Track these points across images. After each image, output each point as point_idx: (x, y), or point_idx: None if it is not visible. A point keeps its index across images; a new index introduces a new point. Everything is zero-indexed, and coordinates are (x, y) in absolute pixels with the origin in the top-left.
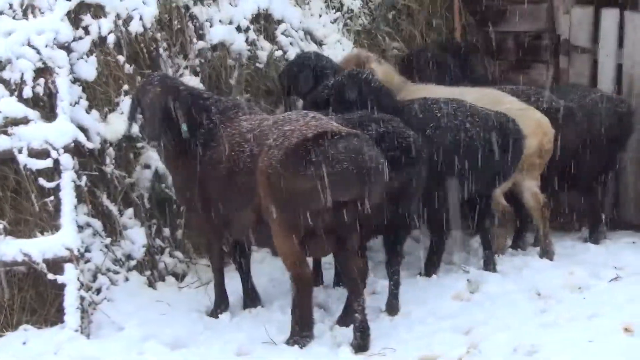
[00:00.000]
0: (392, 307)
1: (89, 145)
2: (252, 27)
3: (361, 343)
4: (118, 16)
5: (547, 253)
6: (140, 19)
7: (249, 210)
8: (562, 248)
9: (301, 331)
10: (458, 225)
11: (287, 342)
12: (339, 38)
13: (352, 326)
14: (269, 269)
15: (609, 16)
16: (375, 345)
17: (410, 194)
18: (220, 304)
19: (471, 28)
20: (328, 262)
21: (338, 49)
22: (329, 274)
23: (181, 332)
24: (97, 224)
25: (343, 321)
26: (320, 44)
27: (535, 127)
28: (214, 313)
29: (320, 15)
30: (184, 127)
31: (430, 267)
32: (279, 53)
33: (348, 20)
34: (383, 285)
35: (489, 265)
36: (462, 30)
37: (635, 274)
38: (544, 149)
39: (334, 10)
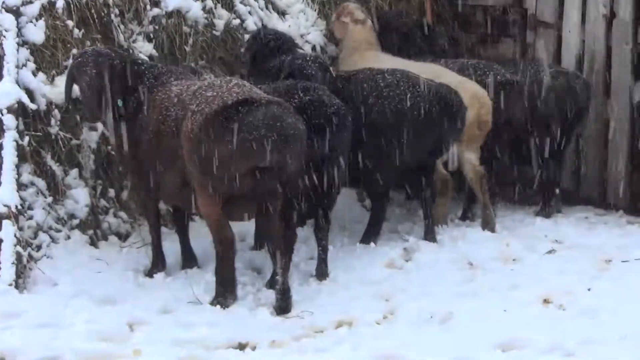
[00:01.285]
0: (321, 273)
1: (33, 106)
2: None
3: (282, 305)
4: None
5: (488, 224)
6: None
7: (175, 174)
8: (510, 221)
9: (224, 292)
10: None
11: (211, 303)
12: (303, 8)
13: None
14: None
15: None
16: (296, 308)
17: (335, 161)
18: (157, 264)
19: (442, 1)
20: None
21: (301, 19)
22: None
23: (113, 289)
24: (41, 183)
25: (270, 284)
26: (283, 13)
27: (471, 99)
28: (149, 272)
29: None
30: (119, 102)
31: (369, 236)
32: (236, 22)
33: None
34: None
35: (429, 234)
36: (432, 2)
37: (571, 247)
38: (481, 120)
39: None
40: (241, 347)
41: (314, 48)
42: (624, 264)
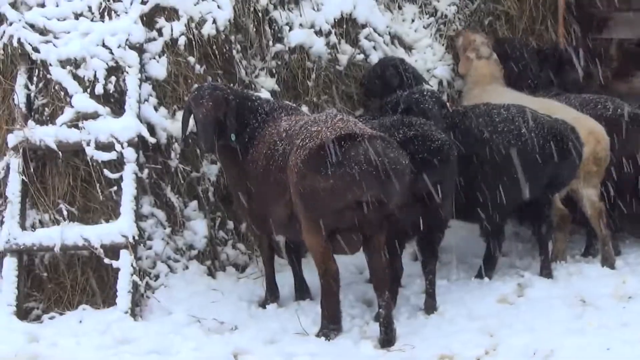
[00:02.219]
0: (429, 306)
1: (153, 140)
2: (334, 31)
3: (385, 338)
4: (191, 19)
5: (607, 261)
6: (214, 22)
7: (283, 206)
8: (634, 258)
9: (329, 324)
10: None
11: (317, 334)
12: (431, 43)
13: None
14: None
15: None
16: (400, 342)
17: (441, 196)
18: (270, 295)
19: (575, 35)
20: None
21: (428, 53)
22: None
23: (225, 319)
24: (161, 214)
25: (377, 317)
26: (409, 48)
27: (587, 135)
28: (262, 303)
29: (412, 20)
30: (232, 136)
31: (484, 270)
32: (360, 57)
33: (442, 26)
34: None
35: (544, 270)
36: (565, 37)
37: None
38: (597, 156)
39: (428, 16)
40: None
41: (440, 83)
42: None
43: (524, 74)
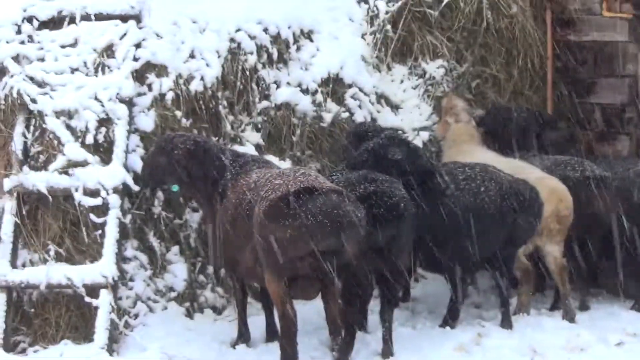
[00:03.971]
0: (385, 352)
1: (136, 187)
2: (320, 89)
3: None
4: (180, 76)
5: (567, 314)
6: (202, 79)
7: (249, 253)
8: (601, 313)
9: None
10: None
11: None
12: (418, 103)
13: None
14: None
15: None
16: None
17: (398, 249)
18: (241, 336)
19: (563, 99)
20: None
21: (415, 113)
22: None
23: (195, 357)
24: (143, 257)
25: None
26: (396, 107)
27: (549, 194)
28: (233, 344)
29: (401, 81)
30: (174, 187)
31: (447, 320)
32: (345, 115)
33: (430, 87)
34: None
35: (505, 321)
36: (553, 100)
37: None
38: (560, 214)
39: (417, 77)
40: None
41: (425, 144)
42: None
43: (505, 136)
